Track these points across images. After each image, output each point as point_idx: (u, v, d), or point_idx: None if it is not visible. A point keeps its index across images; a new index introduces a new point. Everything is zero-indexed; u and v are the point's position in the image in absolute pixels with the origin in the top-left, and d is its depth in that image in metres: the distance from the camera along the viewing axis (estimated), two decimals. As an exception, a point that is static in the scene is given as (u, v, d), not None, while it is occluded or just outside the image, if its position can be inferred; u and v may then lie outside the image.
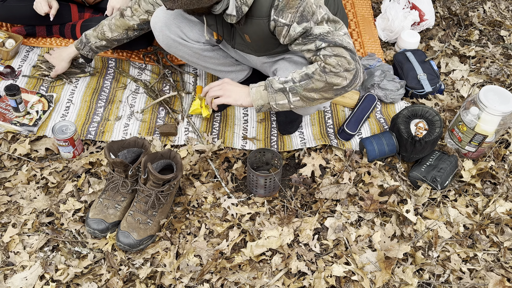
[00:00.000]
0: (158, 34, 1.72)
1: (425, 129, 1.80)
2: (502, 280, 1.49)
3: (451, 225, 1.65)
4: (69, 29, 2.20)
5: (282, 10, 1.39)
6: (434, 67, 2.16)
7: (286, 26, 1.41)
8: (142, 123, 1.94)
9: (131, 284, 1.46)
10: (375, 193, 1.70)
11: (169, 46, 1.75)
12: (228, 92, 1.58)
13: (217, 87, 1.60)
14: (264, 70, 1.83)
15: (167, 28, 1.69)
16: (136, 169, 1.58)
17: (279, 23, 1.41)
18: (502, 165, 1.86)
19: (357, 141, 1.90)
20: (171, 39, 1.71)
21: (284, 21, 1.40)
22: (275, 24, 1.43)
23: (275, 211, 1.68)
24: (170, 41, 1.72)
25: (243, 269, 1.51)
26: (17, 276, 1.44)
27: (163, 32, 1.70)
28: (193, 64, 1.85)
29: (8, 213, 1.61)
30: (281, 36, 1.45)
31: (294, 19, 1.39)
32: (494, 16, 2.64)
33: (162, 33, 1.71)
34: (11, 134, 1.83)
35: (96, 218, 1.55)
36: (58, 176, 1.71)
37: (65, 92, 2.03)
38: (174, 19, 1.69)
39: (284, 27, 1.42)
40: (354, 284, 1.49)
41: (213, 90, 1.60)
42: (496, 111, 1.71)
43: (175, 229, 1.60)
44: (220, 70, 1.87)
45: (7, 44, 2.11)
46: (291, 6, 1.37)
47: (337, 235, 1.60)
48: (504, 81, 2.22)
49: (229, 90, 1.58)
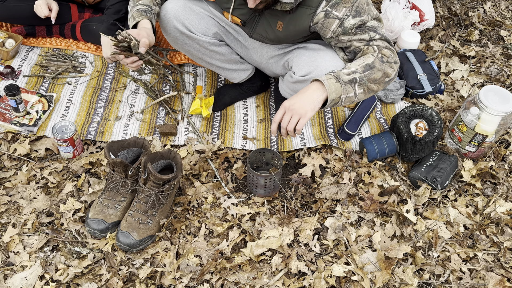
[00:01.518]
0: (166, 26, 1.72)
1: (425, 129, 1.80)
2: (502, 280, 1.49)
3: (451, 225, 1.65)
4: (69, 29, 2.20)
5: (337, 4, 1.46)
6: (434, 67, 2.16)
7: (338, 19, 1.47)
8: (142, 123, 1.94)
9: (131, 284, 1.46)
10: (375, 193, 1.70)
11: (176, 40, 1.74)
12: (302, 110, 1.40)
13: (287, 116, 1.41)
14: (268, 66, 1.83)
15: (176, 19, 1.69)
16: (136, 169, 1.58)
17: (332, 15, 1.47)
18: (502, 165, 1.86)
19: (357, 141, 1.90)
20: (179, 31, 1.71)
21: (337, 14, 1.47)
22: (325, 15, 1.48)
23: (275, 211, 1.68)
24: (178, 34, 1.72)
25: (243, 269, 1.51)
26: (17, 276, 1.44)
27: (171, 23, 1.69)
28: (198, 60, 1.84)
29: (8, 213, 1.61)
30: (328, 29, 1.50)
31: (350, 13, 1.46)
32: (494, 16, 2.64)
33: (170, 25, 1.70)
34: (11, 134, 1.83)
35: (96, 218, 1.55)
36: (58, 176, 1.71)
37: (65, 92, 2.03)
38: (182, 11, 1.69)
39: (335, 19, 1.47)
40: (354, 284, 1.49)
41: (286, 121, 1.41)
42: (496, 111, 1.71)
43: (175, 229, 1.60)
44: (224, 67, 1.87)
45: (7, 44, 2.11)
46: (346, 1, 1.45)
47: (337, 235, 1.60)
48: (504, 81, 2.22)
49: (299, 108, 1.40)
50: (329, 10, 1.47)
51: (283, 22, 1.56)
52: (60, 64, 2.14)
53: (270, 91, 2.12)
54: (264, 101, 2.08)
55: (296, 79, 1.62)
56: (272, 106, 2.05)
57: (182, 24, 1.70)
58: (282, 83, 1.80)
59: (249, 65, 1.94)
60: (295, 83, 1.64)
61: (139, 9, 1.62)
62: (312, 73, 1.56)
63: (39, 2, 2.02)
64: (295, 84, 1.65)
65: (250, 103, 2.06)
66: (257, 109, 2.04)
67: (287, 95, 1.79)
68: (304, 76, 1.59)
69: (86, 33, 2.18)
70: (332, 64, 1.55)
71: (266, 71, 1.90)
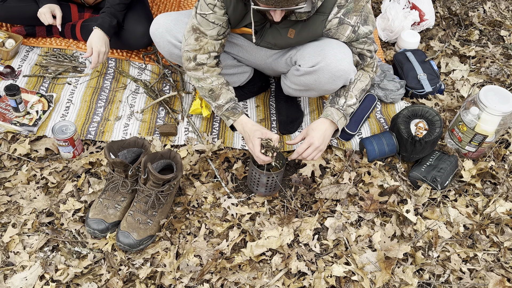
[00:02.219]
0: (159, 41, 1.71)
1: (425, 129, 1.80)
2: (502, 280, 1.49)
3: (451, 225, 1.65)
4: (69, 29, 2.20)
5: (349, 12, 1.53)
6: (434, 67, 2.16)
7: (351, 26, 1.55)
8: (142, 123, 1.94)
9: (131, 284, 1.46)
10: (375, 193, 1.70)
11: (171, 53, 1.74)
12: (323, 146, 1.60)
13: (315, 153, 1.59)
14: (268, 66, 1.82)
15: (168, 33, 1.69)
16: (136, 169, 1.58)
17: (345, 22, 1.54)
18: (502, 165, 1.86)
19: (357, 141, 1.90)
20: (172, 45, 1.70)
21: (350, 21, 1.54)
22: (338, 22, 1.55)
23: (275, 211, 1.68)
24: (172, 47, 1.71)
25: (243, 269, 1.51)
26: (17, 276, 1.44)
27: (164, 37, 1.69)
28: None
29: (8, 213, 1.61)
30: (342, 34, 1.57)
31: (360, 21, 1.55)
32: (494, 16, 2.64)
33: (163, 39, 1.69)
34: (11, 134, 1.83)
35: (96, 218, 1.55)
36: (58, 176, 1.71)
37: (65, 92, 2.03)
38: (175, 25, 1.69)
39: (349, 26, 1.55)
40: (354, 284, 1.49)
41: (308, 154, 1.59)
42: (496, 111, 1.71)
43: (175, 229, 1.60)
44: (223, 73, 1.86)
45: (7, 44, 2.11)
46: (356, 10, 1.53)
47: (337, 235, 1.60)
48: (504, 81, 2.22)
49: (323, 146, 1.61)
50: (342, 18, 1.53)
51: (296, 29, 1.57)
52: (60, 64, 2.14)
53: (270, 91, 2.12)
54: (264, 101, 2.08)
55: (303, 71, 1.61)
56: (272, 106, 2.05)
57: (175, 37, 1.69)
58: (285, 80, 1.79)
59: (247, 67, 1.92)
60: (302, 75, 1.63)
61: (228, 109, 1.65)
62: (321, 63, 1.56)
63: (43, 10, 2.00)
64: (302, 77, 1.64)
65: (250, 103, 2.06)
66: (257, 109, 2.04)
67: (292, 91, 1.78)
68: (312, 67, 1.59)
69: (86, 33, 2.18)
70: (340, 51, 1.56)
71: (266, 70, 1.90)
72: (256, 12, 1.51)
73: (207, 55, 1.63)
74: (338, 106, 1.64)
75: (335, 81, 1.59)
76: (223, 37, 1.63)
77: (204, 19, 1.57)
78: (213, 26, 1.58)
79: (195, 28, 1.59)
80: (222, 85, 1.67)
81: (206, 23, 1.57)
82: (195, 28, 1.59)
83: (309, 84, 1.65)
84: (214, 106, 1.68)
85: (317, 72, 1.58)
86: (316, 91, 1.68)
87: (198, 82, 1.68)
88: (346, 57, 1.57)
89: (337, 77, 1.57)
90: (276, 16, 1.42)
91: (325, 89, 1.65)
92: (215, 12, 1.56)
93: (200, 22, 1.58)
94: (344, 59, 1.56)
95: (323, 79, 1.59)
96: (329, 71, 1.56)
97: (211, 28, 1.58)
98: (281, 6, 1.33)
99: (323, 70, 1.56)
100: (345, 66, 1.56)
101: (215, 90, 1.66)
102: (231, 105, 1.65)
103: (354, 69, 1.62)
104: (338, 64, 1.55)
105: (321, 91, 1.67)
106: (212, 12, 1.55)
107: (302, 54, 1.62)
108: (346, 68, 1.56)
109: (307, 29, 1.57)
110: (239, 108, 1.66)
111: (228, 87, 1.69)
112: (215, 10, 1.55)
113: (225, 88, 1.67)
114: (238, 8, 1.55)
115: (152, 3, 2.48)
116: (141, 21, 2.08)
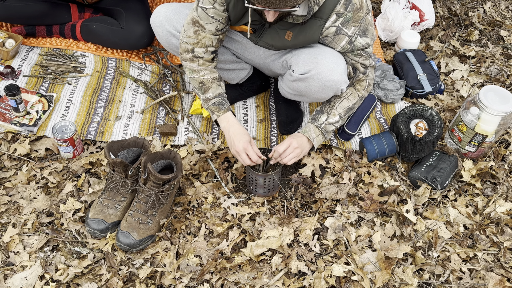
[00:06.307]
0: (158, 29, 1.72)
1: (425, 129, 1.80)
2: (502, 280, 1.49)
3: (451, 225, 1.65)
4: (69, 29, 2.20)
5: (348, 22, 1.50)
6: (434, 67, 2.16)
7: (348, 37, 1.53)
8: (142, 123, 1.94)
9: (131, 284, 1.46)
10: (375, 193, 1.70)
11: (169, 44, 1.75)
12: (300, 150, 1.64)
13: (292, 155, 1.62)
14: (266, 66, 1.82)
15: (168, 23, 1.70)
16: (136, 169, 1.58)
17: (343, 32, 1.52)
18: (502, 165, 1.86)
19: (357, 141, 1.90)
20: (171, 35, 1.71)
21: (347, 31, 1.52)
22: (335, 31, 1.52)
23: (275, 211, 1.68)
24: (170, 37, 1.72)
25: (243, 269, 1.51)
26: (17, 276, 1.44)
27: (163, 26, 1.70)
28: None
29: (8, 213, 1.61)
30: (337, 44, 1.56)
31: (358, 32, 1.52)
32: (494, 16, 2.64)
33: (162, 28, 1.71)
34: (11, 134, 1.83)
35: (96, 218, 1.55)
36: (58, 176, 1.71)
37: (65, 92, 2.03)
38: (175, 15, 1.70)
39: (345, 36, 1.53)
40: (354, 284, 1.49)
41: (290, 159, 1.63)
42: (496, 111, 1.71)
43: (175, 229, 1.60)
44: (221, 68, 1.86)
45: (7, 44, 2.11)
46: (355, 20, 1.50)
47: (337, 235, 1.60)
48: (504, 81, 2.22)
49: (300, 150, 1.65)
50: (340, 27, 1.51)
51: (293, 32, 1.57)
52: (60, 64, 2.14)
53: (270, 91, 2.12)
54: (264, 101, 2.07)
55: (296, 77, 1.62)
56: (272, 106, 2.05)
57: (174, 27, 1.70)
58: (282, 83, 1.80)
59: (246, 64, 1.93)
60: (295, 81, 1.64)
61: (214, 103, 1.67)
62: (313, 71, 1.56)
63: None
64: (294, 83, 1.65)
65: (250, 103, 2.06)
66: (257, 109, 2.04)
67: (287, 94, 1.79)
68: (304, 74, 1.59)
69: (86, 33, 2.18)
70: (332, 60, 1.55)
71: (265, 70, 1.90)
72: (254, 11, 1.51)
73: (204, 49, 1.65)
74: (317, 123, 1.67)
75: (325, 90, 1.59)
76: (221, 33, 1.64)
77: (204, 13, 1.58)
78: (212, 20, 1.59)
79: (194, 21, 1.60)
80: (213, 80, 1.68)
81: (206, 17, 1.58)
82: (194, 21, 1.60)
83: (301, 91, 1.65)
84: (202, 99, 1.71)
85: (308, 80, 1.58)
86: (308, 97, 1.69)
87: (192, 73, 1.69)
88: (338, 67, 1.55)
89: (327, 86, 1.57)
90: (269, 17, 1.42)
91: (315, 97, 1.67)
92: (215, 8, 1.57)
93: (200, 15, 1.59)
94: (336, 69, 1.55)
95: (314, 87, 1.59)
96: (320, 80, 1.56)
97: (210, 23, 1.59)
98: (274, 7, 1.33)
99: (314, 79, 1.56)
100: (335, 77, 1.55)
101: (206, 83, 1.68)
102: (218, 100, 1.67)
103: (346, 80, 1.60)
104: (328, 74, 1.54)
105: (313, 98, 1.69)
106: (213, 7, 1.56)
107: (297, 59, 1.63)
108: (337, 78, 1.56)
109: (304, 33, 1.56)
110: (226, 105, 1.68)
111: (220, 83, 1.71)
112: (215, 6, 1.56)
113: (216, 83, 1.69)
114: (238, 5, 1.56)
115: (152, 3, 2.48)
116: (141, 21, 2.08)
